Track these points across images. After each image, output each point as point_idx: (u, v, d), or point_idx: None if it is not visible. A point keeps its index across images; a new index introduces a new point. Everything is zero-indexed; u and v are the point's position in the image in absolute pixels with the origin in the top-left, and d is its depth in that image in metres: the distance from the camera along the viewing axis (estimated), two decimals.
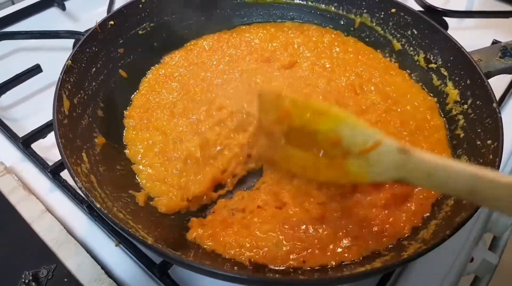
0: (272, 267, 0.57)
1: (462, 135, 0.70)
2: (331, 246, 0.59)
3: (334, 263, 0.57)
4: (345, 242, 0.59)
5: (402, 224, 0.61)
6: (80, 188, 0.54)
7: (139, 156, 0.72)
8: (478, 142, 0.66)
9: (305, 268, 0.57)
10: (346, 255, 0.58)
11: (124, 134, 0.75)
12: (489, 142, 0.63)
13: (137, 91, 0.82)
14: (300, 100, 0.58)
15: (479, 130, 0.67)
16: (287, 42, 0.90)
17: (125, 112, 0.78)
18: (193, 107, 0.78)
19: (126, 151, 0.73)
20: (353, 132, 0.53)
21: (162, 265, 0.62)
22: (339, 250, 0.58)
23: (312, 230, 0.60)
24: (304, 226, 0.60)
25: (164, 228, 0.62)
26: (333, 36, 0.92)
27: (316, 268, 0.57)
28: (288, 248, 0.58)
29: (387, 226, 0.61)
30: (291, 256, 0.57)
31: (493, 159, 0.60)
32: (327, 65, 0.85)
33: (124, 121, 0.77)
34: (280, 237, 0.59)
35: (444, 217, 0.59)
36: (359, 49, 0.89)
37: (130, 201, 0.64)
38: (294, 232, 0.60)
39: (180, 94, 0.81)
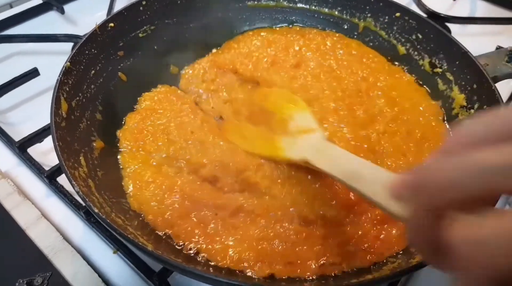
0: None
1: None
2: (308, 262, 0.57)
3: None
4: (323, 259, 0.58)
5: (394, 240, 0.60)
6: (77, 193, 0.52)
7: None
8: None
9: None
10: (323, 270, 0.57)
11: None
12: None
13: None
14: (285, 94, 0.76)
15: None
16: (287, 45, 0.88)
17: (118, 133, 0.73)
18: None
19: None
20: (302, 119, 0.68)
21: (162, 273, 0.60)
22: (314, 266, 0.57)
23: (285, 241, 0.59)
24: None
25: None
26: (335, 39, 0.90)
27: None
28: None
29: (378, 243, 0.60)
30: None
31: None
32: (334, 67, 0.83)
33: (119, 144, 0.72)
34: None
35: None
36: (363, 52, 0.88)
37: (129, 207, 0.63)
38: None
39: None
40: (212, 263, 0.57)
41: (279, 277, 0.56)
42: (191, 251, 0.58)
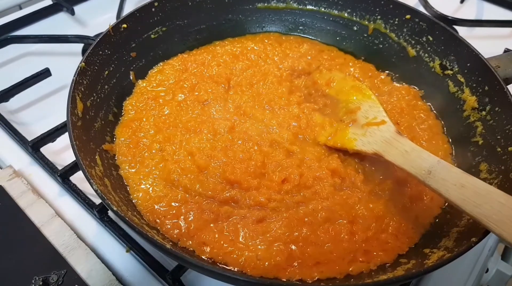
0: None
1: (481, 142, 0.69)
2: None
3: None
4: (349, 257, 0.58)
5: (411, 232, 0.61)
6: (95, 191, 0.52)
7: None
8: (499, 149, 0.65)
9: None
10: (351, 269, 0.57)
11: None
12: (510, 148, 0.62)
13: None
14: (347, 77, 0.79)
15: (499, 137, 0.66)
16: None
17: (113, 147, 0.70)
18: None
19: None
20: (370, 108, 0.69)
21: (175, 271, 0.60)
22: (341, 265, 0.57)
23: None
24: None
25: None
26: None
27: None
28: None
29: (399, 235, 0.60)
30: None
31: None
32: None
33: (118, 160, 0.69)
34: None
35: (467, 224, 0.57)
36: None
37: None
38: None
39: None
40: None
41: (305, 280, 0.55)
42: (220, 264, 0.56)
